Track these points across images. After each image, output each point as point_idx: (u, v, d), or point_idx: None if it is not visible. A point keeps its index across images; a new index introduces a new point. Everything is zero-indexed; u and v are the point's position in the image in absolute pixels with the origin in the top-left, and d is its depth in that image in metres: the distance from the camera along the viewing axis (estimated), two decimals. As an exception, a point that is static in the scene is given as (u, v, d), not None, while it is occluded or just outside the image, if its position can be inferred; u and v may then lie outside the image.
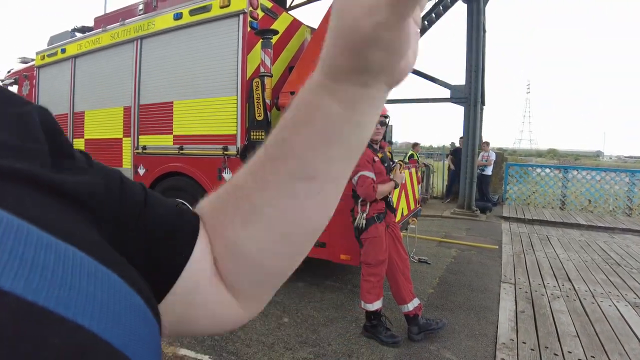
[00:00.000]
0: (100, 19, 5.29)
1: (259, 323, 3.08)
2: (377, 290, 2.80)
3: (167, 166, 4.26)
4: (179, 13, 4.10)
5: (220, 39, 3.86)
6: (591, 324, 3.18)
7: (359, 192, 2.74)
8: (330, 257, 3.35)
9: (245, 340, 2.82)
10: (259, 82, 3.51)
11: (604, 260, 5.10)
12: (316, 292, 3.74)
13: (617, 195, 9.18)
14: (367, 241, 2.79)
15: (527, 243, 5.99)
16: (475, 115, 8.39)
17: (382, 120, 2.90)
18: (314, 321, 3.14)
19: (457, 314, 3.35)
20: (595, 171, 9.51)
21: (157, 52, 4.36)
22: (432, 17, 9.94)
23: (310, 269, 4.36)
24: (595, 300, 3.68)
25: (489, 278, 4.31)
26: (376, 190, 2.69)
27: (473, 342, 2.87)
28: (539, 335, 2.95)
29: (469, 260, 5.03)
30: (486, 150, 9.56)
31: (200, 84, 4.01)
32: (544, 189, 9.88)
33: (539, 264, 4.84)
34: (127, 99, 4.65)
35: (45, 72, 5.77)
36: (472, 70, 8.42)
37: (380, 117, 2.85)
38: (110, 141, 4.92)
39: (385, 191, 2.79)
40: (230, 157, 3.80)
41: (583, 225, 7.54)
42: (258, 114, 3.53)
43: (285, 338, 2.86)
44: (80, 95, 5.25)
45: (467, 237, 6.36)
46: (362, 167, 2.72)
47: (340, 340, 2.85)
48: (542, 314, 3.36)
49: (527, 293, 3.84)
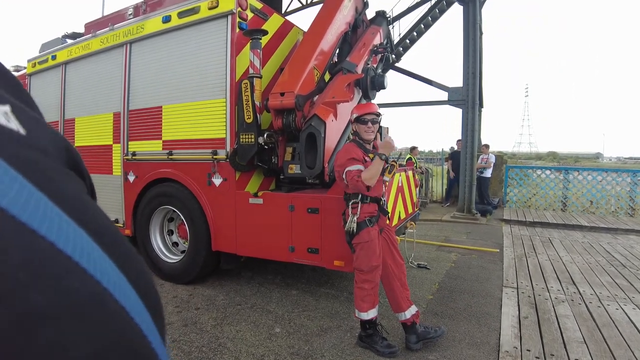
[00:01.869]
0: (91, 25, 5.21)
1: (249, 333, 2.94)
2: (371, 298, 2.66)
3: (157, 172, 4.15)
4: (167, 16, 4.03)
5: (209, 41, 3.77)
6: (598, 329, 3.04)
7: (351, 188, 2.63)
8: (324, 263, 3.22)
9: (234, 352, 2.67)
10: (247, 84, 3.41)
11: (609, 262, 4.96)
12: (310, 300, 3.60)
13: (619, 196, 9.05)
14: (359, 246, 2.66)
15: (529, 246, 5.85)
16: (474, 117, 8.30)
17: (373, 118, 2.78)
18: (307, 331, 2.99)
19: (458, 321, 3.21)
20: (596, 172, 9.39)
21: (147, 57, 4.28)
22: (428, 21, 9.93)
23: (304, 276, 4.23)
24: (602, 304, 3.54)
25: (490, 283, 4.17)
26: (361, 178, 2.55)
27: (474, 351, 2.73)
28: (543, 342, 2.81)
29: (470, 264, 4.88)
30: (486, 153, 9.47)
31: (189, 88, 3.92)
32: (545, 191, 9.75)
33: (542, 267, 4.70)
34: (117, 105, 4.56)
35: (36, 80, 5.69)
36: (469, 72, 8.36)
37: (372, 115, 2.74)
38: (101, 148, 4.81)
39: (372, 173, 2.55)
40: (220, 162, 3.69)
41: (585, 226, 7.40)
42: (247, 117, 3.43)
43: (277, 349, 2.72)
44: (70, 102, 5.16)
45: (467, 241, 6.22)
46: (347, 163, 2.61)
47: (334, 351, 2.70)
48: (546, 319, 3.21)
49: (530, 297, 3.70)
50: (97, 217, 0.24)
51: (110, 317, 0.21)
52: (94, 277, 0.20)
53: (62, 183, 0.23)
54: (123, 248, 0.26)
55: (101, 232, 0.23)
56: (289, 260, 3.42)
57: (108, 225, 0.25)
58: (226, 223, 3.71)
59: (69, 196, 0.22)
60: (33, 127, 0.23)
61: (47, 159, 0.23)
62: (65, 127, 5.22)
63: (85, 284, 0.20)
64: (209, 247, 3.79)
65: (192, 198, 3.88)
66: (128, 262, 0.25)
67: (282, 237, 3.40)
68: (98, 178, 4.85)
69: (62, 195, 0.22)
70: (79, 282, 0.19)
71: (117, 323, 0.21)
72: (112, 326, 0.20)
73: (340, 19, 4.11)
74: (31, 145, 0.22)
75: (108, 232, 0.25)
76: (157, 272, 4.22)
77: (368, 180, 2.54)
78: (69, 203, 0.22)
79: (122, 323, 0.21)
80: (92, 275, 0.20)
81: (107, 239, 0.24)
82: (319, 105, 3.49)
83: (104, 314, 0.20)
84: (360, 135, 2.80)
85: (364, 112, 2.79)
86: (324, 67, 3.89)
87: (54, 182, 0.22)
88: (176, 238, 4.35)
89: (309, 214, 3.26)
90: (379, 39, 4.51)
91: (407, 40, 10.07)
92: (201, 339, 2.86)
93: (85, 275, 0.20)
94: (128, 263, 0.25)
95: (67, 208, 0.21)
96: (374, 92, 4.02)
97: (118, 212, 4.61)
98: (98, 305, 0.20)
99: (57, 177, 0.23)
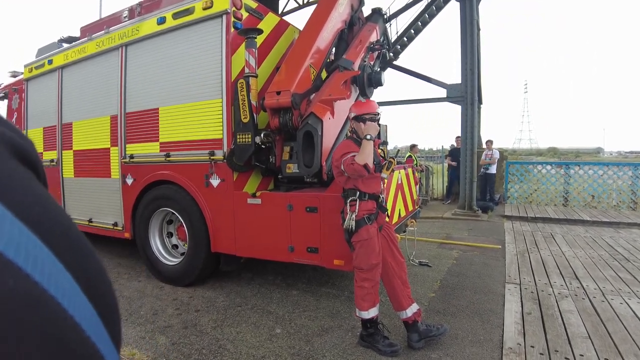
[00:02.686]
0: (86, 28, 5.19)
1: (250, 335, 2.91)
2: (371, 297, 2.63)
3: (155, 174, 4.12)
4: (162, 17, 4.01)
5: (204, 41, 3.75)
6: (603, 323, 3.00)
7: (350, 175, 2.61)
8: (323, 262, 3.18)
9: (235, 354, 2.64)
10: (243, 84, 3.38)
11: (612, 256, 4.92)
12: (311, 300, 3.57)
13: (620, 190, 9.00)
14: (358, 244, 2.63)
15: (531, 241, 5.81)
16: (473, 114, 8.28)
17: (371, 117, 2.76)
18: (308, 331, 2.96)
19: (460, 319, 3.17)
20: (597, 166, 9.34)
21: (142, 59, 4.26)
22: (425, 18, 9.89)
23: (305, 276, 4.20)
24: (606, 298, 3.50)
25: (492, 279, 4.14)
26: (355, 160, 2.53)
27: (477, 348, 2.69)
28: (547, 338, 2.77)
29: (471, 261, 4.85)
30: (490, 149, 9.39)
31: (185, 88, 3.90)
32: (546, 187, 9.71)
33: (544, 263, 4.66)
34: (114, 108, 4.55)
35: (33, 85, 5.68)
36: (467, 68, 8.34)
37: (370, 114, 2.72)
38: (99, 151, 4.79)
39: (365, 153, 2.53)
40: (217, 162, 3.66)
41: (587, 221, 7.36)
42: (244, 116, 3.40)
43: (277, 350, 2.69)
44: (68, 106, 5.14)
45: (469, 238, 6.18)
46: (344, 155, 2.61)
47: (336, 351, 2.67)
48: (550, 315, 3.17)
49: (533, 293, 3.66)
50: (42, 207, 0.22)
51: (49, 323, 0.19)
52: (31, 277, 0.19)
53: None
54: (71, 243, 0.24)
55: (44, 224, 0.21)
56: (288, 260, 3.39)
57: (55, 216, 0.23)
58: (225, 224, 3.68)
59: (5, 184, 0.20)
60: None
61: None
62: (63, 131, 5.21)
63: (19, 284, 0.18)
64: (208, 249, 3.77)
65: (190, 200, 3.86)
66: (79, 262, 0.23)
67: (282, 237, 3.37)
68: (96, 181, 4.83)
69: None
70: (12, 281, 0.18)
71: (54, 326, 0.19)
72: (51, 333, 0.19)
73: (336, 17, 4.09)
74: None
75: (54, 224, 0.23)
76: (157, 274, 4.20)
77: (362, 160, 2.51)
78: (5, 192, 0.20)
79: (65, 330, 0.20)
80: (30, 274, 0.19)
81: (51, 233, 0.21)
82: (316, 104, 3.46)
83: (42, 319, 0.18)
84: (358, 133, 2.77)
85: (363, 112, 2.76)
86: (321, 65, 3.86)
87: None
88: (175, 240, 4.32)
89: (307, 213, 3.23)
90: (375, 36, 4.48)
91: (404, 38, 10.03)
92: (201, 341, 2.83)
93: (21, 274, 0.18)
94: (78, 262, 0.23)
95: (2, 197, 0.19)
96: (371, 89, 3.99)
97: (117, 215, 4.59)
98: (35, 308, 0.18)
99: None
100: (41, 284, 0.19)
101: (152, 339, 2.90)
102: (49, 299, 0.19)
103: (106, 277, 0.26)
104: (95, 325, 0.22)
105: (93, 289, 0.23)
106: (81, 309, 0.21)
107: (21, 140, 0.25)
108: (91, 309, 0.22)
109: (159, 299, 3.68)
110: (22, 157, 0.25)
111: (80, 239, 0.25)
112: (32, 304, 0.18)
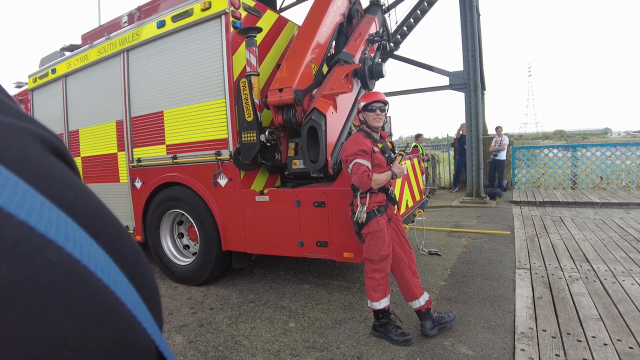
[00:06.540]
0: (87, 36, 5.24)
1: (264, 330, 2.97)
2: (382, 288, 2.66)
3: (163, 177, 4.18)
4: (161, 21, 4.03)
5: (204, 42, 3.77)
6: (614, 305, 3.01)
7: (353, 180, 2.62)
8: (333, 255, 3.22)
9: (250, 349, 2.70)
10: (246, 82, 3.41)
11: (622, 237, 4.89)
12: (323, 293, 3.61)
13: (629, 170, 8.90)
14: (369, 236, 2.66)
15: (540, 226, 5.79)
16: (477, 100, 8.22)
17: (381, 106, 2.76)
18: (322, 324, 3.01)
19: (472, 305, 3.20)
20: (604, 147, 9.23)
21: (144, 63, 4.29)
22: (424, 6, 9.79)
23: (316, 270, 4.25)
24: (617, 280, 3.50)
25: (502, 265, 4.15)
26: (371, 178, 2.56)
27: (490, 334, 2.72)
28: (559, 322, 2.79)
29: (481, 248, 4.86)
30: (499, 135, 9.31)
31: (188, 90, 3.93)
32: (554, 170, 9.63)
33: (554, 247, 4.65)
34: (119, 113, 4.60)
35: (38, 94, 5.75)
36: (469, 55, 8.26)
37: (379, 103, 2.72)
38: (106, 157, 4.86)
39: (382, 180, 2.62)
40: (224, 162, 3.70)
41: (597, 203, 7.31)
42: (248, 115, 3.43)
43: (292, 344, 2.74)
44: (73, 113, 5.21)
45: (477, 225, 6.18)
46: (357, 155, 2.60)
47: (349, 342, 2.72)
48: (561, 298, 3.19)
49: (543, 278, 3.67)
50: (80, 195, 0.24)
51: (91, 294, 0.20)
52: (72, 255, 0.20)
53: (39, 164, 0.23)
54: (109, 228, 0.26)
55: (81, 210, 0.23)
56: (298, 255, 3.44)
57: (94, 205, 0.25)
58: (234, 222, 3.73)
59: (44, 177, 0.22)
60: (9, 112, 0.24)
61: (21, 141, 0.23)
62: (70, 139, 5.28)
63: (61, 260, 0.20)
64: (219, 248, 3.82)
65: (199, 200, 3.91)
66: (115, 243, 0.25)
67: (291, 233, 3.41)
68: (106, 187, 4.90)
69: (37, 175, 0.22)
70: (55, 257, 0.19)
71: (100, 301, 0.21)
72: (93, 303, 0.20)
73: (334, 11, 4.08)
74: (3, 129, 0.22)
75: (91, 210, 0.25)
76: (171, 275, 4.27)
77: (375, 184, 2.60)
78: (44, 183, 0.22)
79: (107, 301, 0.21)
80: (70, 253, 0.20)
81: (89, 218, 0.24)
82: (319, 99, 3.48)
83: (84, 290, 0.20)
84: (368, 123, 2.78)
85: (372, 100, 2.77)
86: (321, 60, 3.86)
87: (29, 161, 0.22)
88: (187, 241, 4.39)
89: (315, 208, 3.27)
90: (374, 27, 4.47)
91: (404, 27, 9.95)
92: (217, 338, 2.90)
93: (62, 252, 0.20)
94: (114, 244, 0.25)
95: (41, 188, 0.21)
96: (373, 82, 3.99)
97: (127, 219, 4.66)
98: (76, 281, 0.20)
99: (34, 158, 0.23)
100: (81, 260, 0.21)
101: (168, 338, 2.97)
102: (89, 273, 0.21)
103: (143, 259, 0.28)
104: (135, 302, 0.24)
105: (131, 269, 0.25)
106: (121, 286, 0.23)
107: (51, 136, 0.27)
108: (131, 288, 0.24)
109: (174, 299, 3.76)
110: (55, 151, 0.27)
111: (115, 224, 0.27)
112: (75, 276, 0.20)
